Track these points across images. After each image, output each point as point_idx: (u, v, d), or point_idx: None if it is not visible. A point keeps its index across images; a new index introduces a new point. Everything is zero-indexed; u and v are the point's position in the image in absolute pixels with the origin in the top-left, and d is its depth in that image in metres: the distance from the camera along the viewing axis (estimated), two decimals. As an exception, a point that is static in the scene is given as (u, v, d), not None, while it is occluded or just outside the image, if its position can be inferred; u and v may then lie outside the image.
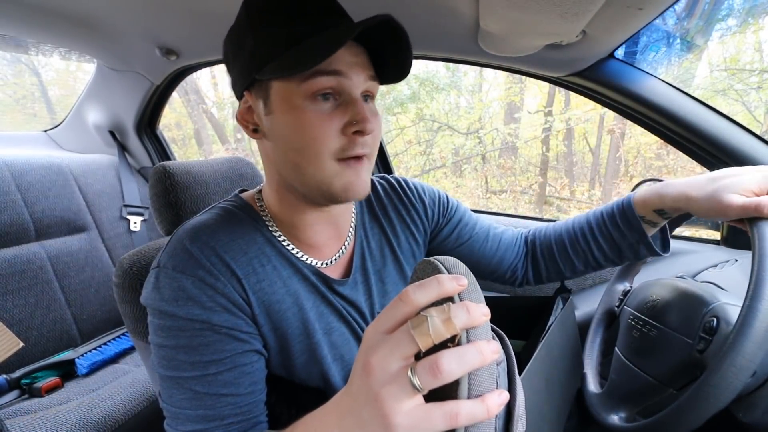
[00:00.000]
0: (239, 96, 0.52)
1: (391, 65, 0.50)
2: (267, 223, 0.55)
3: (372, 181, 0.69)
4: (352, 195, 0.49)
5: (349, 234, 0.62)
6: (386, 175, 0.71)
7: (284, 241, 0.55)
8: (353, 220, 0.63)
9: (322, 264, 0.57)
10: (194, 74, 1.36)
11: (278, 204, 0.55)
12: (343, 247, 0.60)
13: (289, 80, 0.46)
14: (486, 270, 0.73)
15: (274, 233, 0.55)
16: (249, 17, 0.48)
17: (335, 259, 0.59)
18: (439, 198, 0.71)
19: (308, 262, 0.56)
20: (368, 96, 0.50)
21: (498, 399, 0.30)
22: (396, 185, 0.69)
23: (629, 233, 0.63)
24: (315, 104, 0.46)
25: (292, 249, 0.55)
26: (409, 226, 0.67)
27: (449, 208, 0.71)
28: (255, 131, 0.52)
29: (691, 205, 0.55)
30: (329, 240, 0.59)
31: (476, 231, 0.72)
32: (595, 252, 0.67)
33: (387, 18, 0.43)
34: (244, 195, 0.59)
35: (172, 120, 5.67)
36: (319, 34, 0.45)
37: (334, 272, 0.59)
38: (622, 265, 0.78)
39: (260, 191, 0.58)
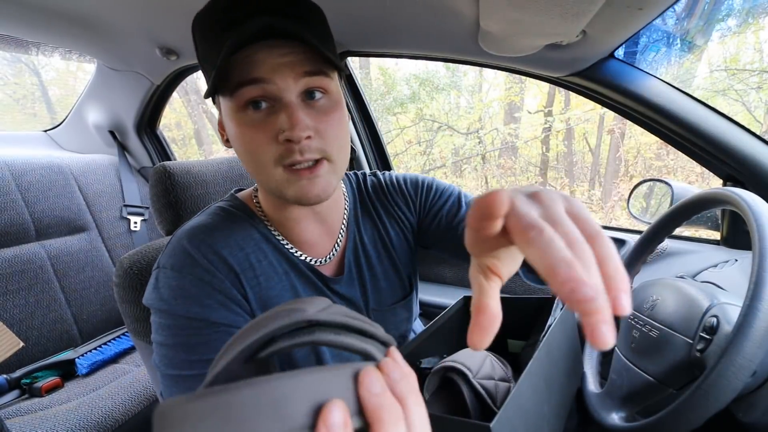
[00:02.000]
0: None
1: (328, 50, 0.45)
2: (263, 220, 0.56)
3: (364, 176, 0.69)
4: (306, 201, 0.47)
5: (342, 231, 0.62)
6: (377, 172, 0.71)
7: (280, 238, 0.56)
8: (345, 216, 0.63)
9: (317, 262, 0.57)
10: (194, 74, 1.36)
11: (267, 203, 0.56)
12: (336, 245, 0.60)
13: (224, 95, 0.46)
14: None
15: (270, 230, 0.55)
16: (194, 34, 0.48)
17: (330, 258, 0.59)
18: (422, 185, 0.68)
19: (303, 259, 0.56)
20: (317, 90, 0.46)
21: None
22: (382, 182, 0.68)
23: None
24: (247, 114, 0.45)
25: (288, 246, 0.56)
26: (397, 222, 0.66)
27: (432, 193, 0.68)
28: (227, 141, 0.52)
29: None
30: (321, 237, 0.59)
31: (463, 215, 0.66)
32: None
33: (268, 23, 0.41)
34: (240, 194, 0.59)
35: (172, 120, 5.67)
36: (230, 41, 0.42)
37: (329, 270, 0.59)
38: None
39: (257, 190, 0.59)
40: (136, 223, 1.53)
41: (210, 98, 0.50)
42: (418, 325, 0.82)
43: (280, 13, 0.44)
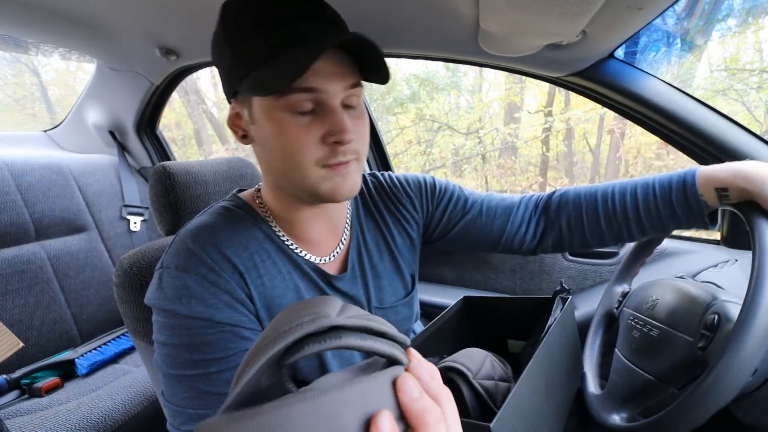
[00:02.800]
0: (229, 101, 0.53)
1: (375, 70, 0.49)
2: (267, 220, 0.56)
3: (364, 177, 0.70)
4: (340, 197, 0.50)
5: (345, 229, 0.62)
6: (376, 173, 0.71)
7: (284, 237, 0.56)
8: (348, 215, 0.64)
9: (320, 260, 0.58)
10: (194, 74, 1.36)
11: (275, 202, 0.56)
12: (341, 243, 0.61)
13: (263, 94, 0.46)
14: (488, 244, 0.70)
15: (274, 229, 0.56)
16: (225, 26, 0.48)
17: (333, 256, 0.60)
18: (425, 184, 0.70)
19: (307, 258, 0.56)
20: (353, 98, 0.49)
21: None
22: (383, 182, 0.69)
23: (683, 215, 0.57)
24: (293, 117, 0.46)
25: (292, 245, 0.56)
26: (400, 222, 0.67)
27: (437, 191, 0.70)
28: (244, 137, 0.53)
29: None
30: (326, 236, 0.60)
31: (468, 207, 0.70)
32: (634, 229, 0.62)
33: (354, 36, 0.43)
34: (242, 194, 0.60)
35: (172, 120, 5.66)
36: (291, 50, 0.44)
37: (332, 268, 0.60)
38: (621, 266, 0.78)
39: (258, 190, 0.59)
40: (135, 223, 1.53)
41: (224, 90, 0.51)
42: (418, 325, 0.82)
43: (326, 18, 0.47)
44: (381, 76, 0.49)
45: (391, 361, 0.23)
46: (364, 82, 0.51)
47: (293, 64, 0.42)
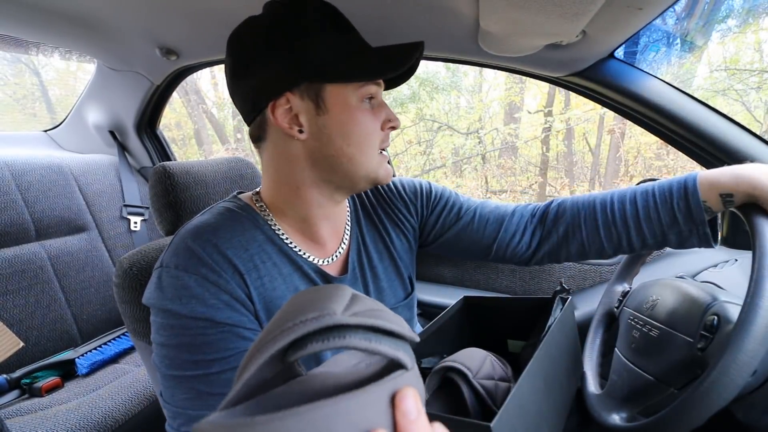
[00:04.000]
0: (269, 99, 0.51)
1: (397, 78, 0.58)
2: (269, 221, 0.56)
3: None
4: (389, 179, 0.58)
5: (346, 231, 0.63)
6: None
7: (286, 239, 0.56)
8: (348, 217, 0.65)
9: (322, 262, 0.58)
10: (194, 74, 1.36)
11: (285, 202, 0.56)
12: (342, 245, 0.62)
13: (345, 85, 0.51)
14: (480, 251, 0.69)
15: (276, 231, 0.56)
16: (280, 25, 0.50)
17: (335, 257, 0.60)
18: (421, 189, 0.71)
19: (309, 259, 0.57)
20: None
21: None
22: (380, 187, 0.70)
23: (685, 222, 0.56)
24: (365, 105, 0.53)
25: (294, 247, 0.56)
26: (397, 224, 0.68)
27: (432, 196, 0.71)
28: (300, 131, 0.52)
29: None
30: (330, 237, 0.60)
31: (462, 213, 0.69)
32: (634, 238, 0.60)
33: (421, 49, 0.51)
34: (242, 196, 0.60)
35: (172, 120, 5.67)
36: (369, 49, 0.53)
37: (333, 269, 0.60)
38: (621, 266, 0.78)
39: (257, 193, 0.60)
40: (136, 223, 1.53)
41: (261, 90, 0.52)
42: (418, 326, 0.82)
43: None
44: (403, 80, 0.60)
45: (399, 367, 0.22)
46: None
47: (396, 58, 0.51)
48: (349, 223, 0.64)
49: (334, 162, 0.54)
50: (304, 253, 0.57)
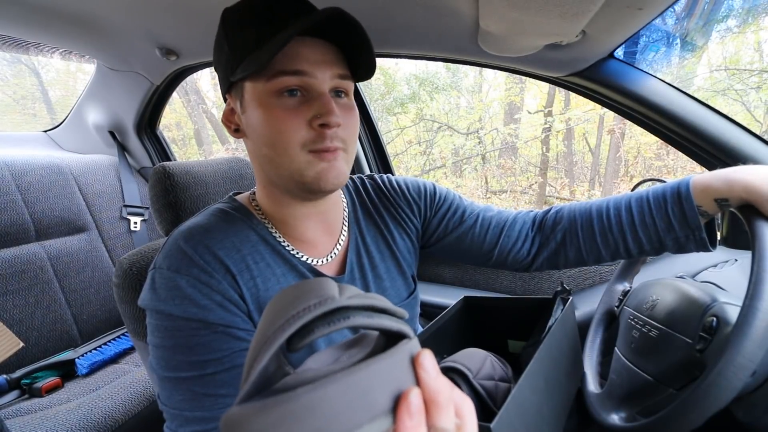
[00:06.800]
0: (225, 99, 0.55)
1: (362, 63, 0.51)
2: (263, 221, 0.56)
3: (362, 180, 0.70)
4: (324, 184, 0.50)
5: (343, 230, 0.62)
6: (373, 175, 0.71)
7: (279, 238, 0.56)
8: (345, 216, 0.64)
9: (317, 262, 0.58)
10: (194, 74, 1.36)
11: (268, 201, 0.56)
12: (338, 245, 0.61)
13: (257, 80, 0.49)
14: (480, 256, 0.69)
15: (270, 231, 0.56)
16: (224, 25, 0.50)
17: (330, 257, 0.59)
18: (425, 190, 0.70)
19: (303, 259, 0.56)
20: (341, 92, 0.52)
21: None
22: (381, 185, 0.69)
23: (680, 227, 0.56)
24: (281, 100, 0.48)
25: (287, 246, 0.56)
26: (400, 223, 0.67)
27: (436, 198, 0.70)
28: (236, 131, 0.54)
29: None
30: (322, 236, 0.59)
31: (465, 217, 0.69)
32: (630, 244, 0.60)
33: (337, 11, 0.44)
34: (238, 197, 0.60)
35: (172, 120, 5.67)
36: (279, 34, 0.46)
37: (330, 270, 0.59)
38: (622, 265, 0.78)
39: (254, 192, 0.60)
40: (136, 223, 1.53)
41: (221, 88, 0.53)
42: (419, 326, 0.82)
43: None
44: (368, 66, 0.51)
45: (395, 336, 0.23)
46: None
47: (278, 44, 0.44)
48: (346, 223, 0.63)
49: (263, 162, 0.52)
50: (298, 253, 0.56)
